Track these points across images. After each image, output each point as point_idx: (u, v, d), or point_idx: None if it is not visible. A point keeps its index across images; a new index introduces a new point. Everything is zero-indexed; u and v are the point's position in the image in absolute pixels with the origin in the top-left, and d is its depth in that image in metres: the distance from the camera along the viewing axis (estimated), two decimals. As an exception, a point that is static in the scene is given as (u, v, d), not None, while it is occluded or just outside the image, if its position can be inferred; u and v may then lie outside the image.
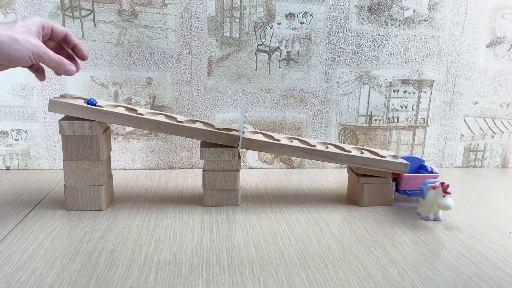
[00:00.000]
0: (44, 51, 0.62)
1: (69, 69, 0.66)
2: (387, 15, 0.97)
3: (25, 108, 0.93)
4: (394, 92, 1.01)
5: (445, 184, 0.71)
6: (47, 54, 0.63)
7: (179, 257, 0.60)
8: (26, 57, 0.60)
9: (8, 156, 0.95)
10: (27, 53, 0.60)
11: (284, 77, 0.98)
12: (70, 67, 0.67)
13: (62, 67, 0.65)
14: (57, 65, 0.65)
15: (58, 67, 0.65)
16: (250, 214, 0.75)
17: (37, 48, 0.61)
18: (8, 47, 0.59)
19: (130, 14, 0.91)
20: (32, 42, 0.60)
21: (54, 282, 0.53)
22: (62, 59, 0.65)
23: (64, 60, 0.66)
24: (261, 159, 1.03)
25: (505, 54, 1.03)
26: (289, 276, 0.56)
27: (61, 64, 0.65)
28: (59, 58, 0.65)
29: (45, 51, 0.62)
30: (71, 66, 0.67)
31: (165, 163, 1.00)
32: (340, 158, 0.78)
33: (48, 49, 0.63)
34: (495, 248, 0.66)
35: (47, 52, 0.63)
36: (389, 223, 0.74)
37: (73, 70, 0.67)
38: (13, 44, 0.59)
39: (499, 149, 1.10)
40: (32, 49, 0.60)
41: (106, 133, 0.74)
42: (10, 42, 0.59)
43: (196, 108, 0.97)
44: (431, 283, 0.56)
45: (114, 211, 0.75)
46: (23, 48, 0.60)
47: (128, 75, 0.94)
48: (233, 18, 0.94)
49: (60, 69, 0.65)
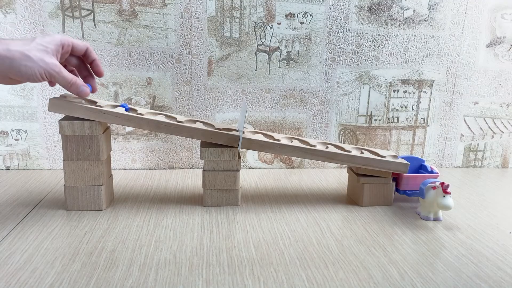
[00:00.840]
0: (57, 70, 0.63)
1: (82, 90, 0.67)
2: (387, 15, 0.97)
3: (25, 108, 0.93)
4: (394, 92, 1.01)
5: (445, 184, 0.72)
6: (60, 73, 0.63)
7: (179, 257, 0.60)
8: (38, 74, 0.61)
9: (8, 156, 0.95)
10: (39, 71, 0.61)
11: (284, 77, 0.98)
12: (84, 88, 0.67)
13: (74, 87, 0.66)
14: (70, 85, 0.65)
15: (71, 87, 0.66)
16: (250, 214, 0.75)
17: (50, 67, 0.62)
18: (19, 63, 0.60)
19: (130, 14, 0.91)
20: (46, 61, 0.61)
21: (54, 282, 0.53)
22: (76, 79, 0.66)
23: (77, 81, 0.66)
24: (261, 159, 1.03)
25: (505, 54, 1.03)
26: (289, 276, 0.56)
27: (74, 84, 0.66)
28: (73, 79, 0.65)
29: (58, 71, 0.63)
30: (84, 87, 0.67)
31: (165, 163, 1.00)
32: (340, 158, 0.78)
33: (62, 69, 0.64)
34: (495, 248, 0.66)
35: (61, 71, 0.63)
36: (389, 223, 0.74)
37: (86, 92, 0.68)
38: (25, 61, 0.60)
39: (499, 149, 1.10)
40: (45, 68, 0.61)
41: (106, 133, 0.74)
42: (22, 58, 0.60)
43: (196, 108, 0.97)
44: (431, 283, 0.56)
45: (114, 211, 0.75)
46: (35, 66, 0.60)
47: (128, 75, 0.94)
48: (233, 18, 0.94)
49: (72, 89, 0.66)
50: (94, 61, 0.70)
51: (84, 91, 0.67)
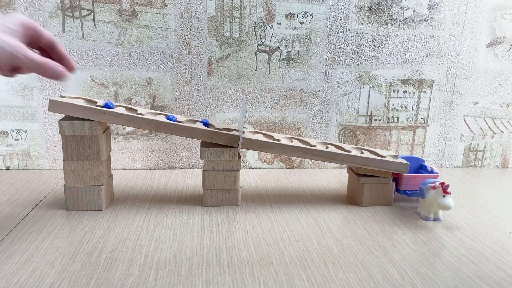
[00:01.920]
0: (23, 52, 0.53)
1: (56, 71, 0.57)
2: (387, 15, 0.97)
3: (25, 108, 0.93)
4: (394, 92, 1.01)
5: (445, 184, 0.71)
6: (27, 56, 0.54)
7: (179, 257, 0.60)
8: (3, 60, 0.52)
9: (8, 156, 0.95)
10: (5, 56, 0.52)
11: (284, 77, 0.98)
12: (59, 68, 0.57)
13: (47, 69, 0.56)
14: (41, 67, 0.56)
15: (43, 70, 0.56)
16: (250, 214, 0.75)
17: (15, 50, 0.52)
18: None
19: (130, 14, 0.91)
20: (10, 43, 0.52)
21: (54, 282, 0.53)
22: (47, 60, 0.56)
23: (49, 62, 0.56)
24: (261, 159, 1.03)
25: (505, 54, 1.03)
26: (289, 276, 0.56)
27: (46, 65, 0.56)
28: (43, 60, 0.56)
29: (24, 53, 0.53)
30: (59, 67, 0.57)
31: (165, 163, 1.00)
32: (340, 158, 0.78)
33: (28, 50, 0.54)
34: (495, 248, 0.66)
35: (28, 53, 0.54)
36: (389, 223, 0.74)
37: (62, 72, 0.57)
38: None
39: (499, 149, 1.10)
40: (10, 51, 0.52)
41: (106, 133, 0.74)
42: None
43: (196, 108, 0.97)
44: (431, 283, 0.56)
45: (114, 211, 0.75)
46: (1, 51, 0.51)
47: (128, 75, 0.94)
48: (233, 18, 0.94)
49: (46, 72, 0.56)
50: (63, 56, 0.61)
51: (60, 71, 0.57)
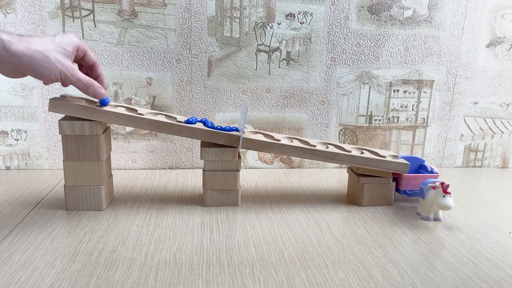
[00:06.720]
0: (72, 72, 0.64)
1: (98, 92, 0.68)
2: (387, 15, 0.97)
3: (25, 108, 0.93)
4: (394, 92, 1.01)
5: (445, 184, 0.71)
6: (75, 75, 0.64)
7: (179, 257, 0.60)
8: (53, 76, 0.62)
9: (8, 156, 0.95)
10: (55, 73, 0.61)
11: (284, 77, 0.98)
12: (100, 90, 0.68)
13: (91, 89, 0.67)
14: (86, 87, 0.66)
15: (87, 89, 0.66)
16: (250, 214, 0.75)
17: (66, 69, 0.63)
18: (37, 63, 0.60)
19: (130, 14, 0.91)
20: (63, 63, 0.62)
21: (54, 282, 0.53)
22: (92, 81, 0.67)
23: (93, 83, 0.67)
24: (261, 159, 1.03)
25: (505, 54, 1.03)
26: (289, 276, 0.56)
27: (90, 86, 0.67)
28: (89, 81, 0.66)
29: (73, 73, 0.64)
30: (100, 89, 0.68)
31: (165, 163, 1.00)
32: (340, 158, 0.78)
33: (77, 71, 0.65)
34: (495, 248, 0.66)
35: (76, 73, 0.64)
36: (389, 223, 0.74)
37: (102, 93, 0.68)
38: (43, 62, 0.60)
39: (499, 149, 1.10)
40: (61, 70, 0.62)
41: (106, 133, 0.74)
42: (41, 59, 0.60)
43: (196, 108, 0.97)
44: (431, 283, 0.56)
45: (114, 211, 0.75)
46: (52, 67, 0.61)
47: (128, 75, 0.94)
48: (233, 18, 0.94)
49: (89, 91, 0.67)
50: (99, 77, 0.70)
51: (100, 92, 0.68)
